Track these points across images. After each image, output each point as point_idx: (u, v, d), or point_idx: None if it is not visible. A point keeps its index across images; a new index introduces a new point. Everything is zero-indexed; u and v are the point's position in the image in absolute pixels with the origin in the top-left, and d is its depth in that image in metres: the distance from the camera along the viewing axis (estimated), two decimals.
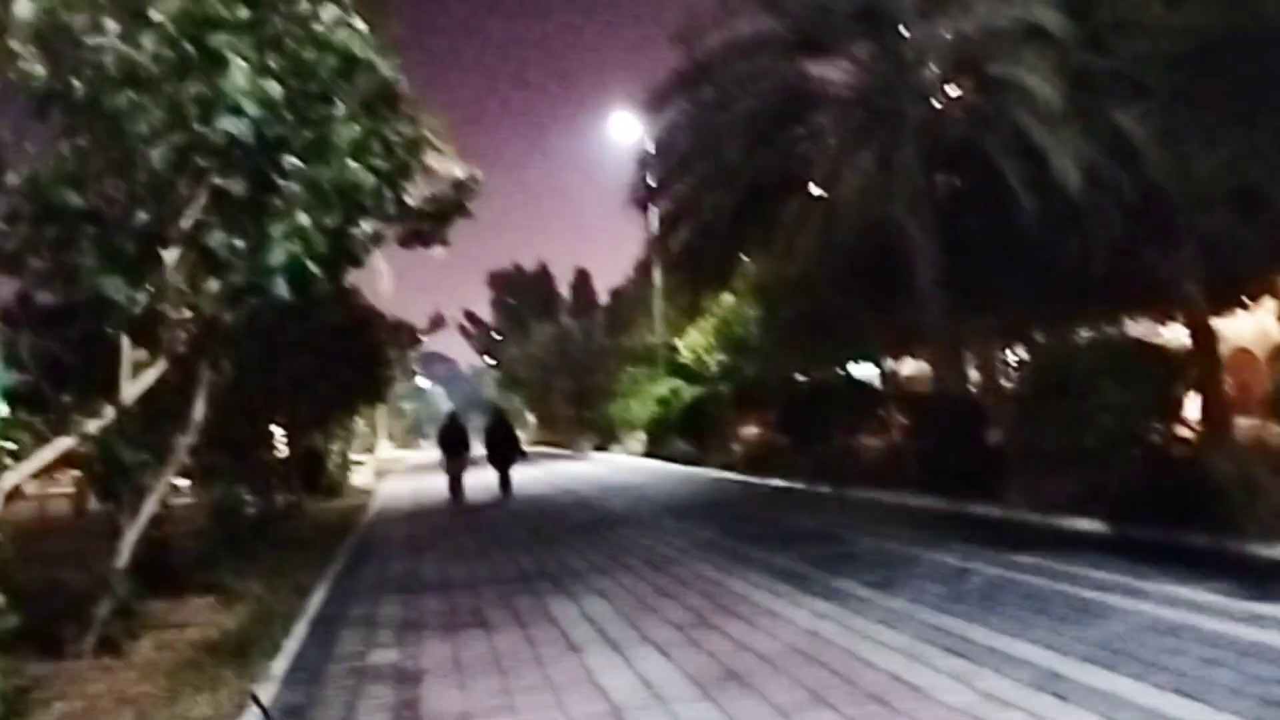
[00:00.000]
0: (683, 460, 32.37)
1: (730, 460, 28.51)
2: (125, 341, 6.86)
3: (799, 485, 21.51)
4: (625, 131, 42.49)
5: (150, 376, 7.16)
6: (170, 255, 6.21)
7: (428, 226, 9.40)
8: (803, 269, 22.61)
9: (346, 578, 13.95)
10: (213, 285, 6.39)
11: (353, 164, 6.51)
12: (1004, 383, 20.36)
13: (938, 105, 16.79)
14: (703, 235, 18.72)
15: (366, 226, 8.99)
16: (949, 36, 16.05)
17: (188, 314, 6.65)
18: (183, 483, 16.57)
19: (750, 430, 33.22)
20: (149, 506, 9.32)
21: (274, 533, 19.24)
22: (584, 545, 15.02)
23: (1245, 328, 22.95)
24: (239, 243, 6.07)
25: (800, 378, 27.50)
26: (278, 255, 5.92)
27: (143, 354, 7.20)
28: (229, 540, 16.03)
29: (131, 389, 7.08)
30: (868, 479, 19.37)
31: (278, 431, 26.29)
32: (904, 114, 15.93)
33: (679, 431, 34.42)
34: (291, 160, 6.23)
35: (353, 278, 31.47)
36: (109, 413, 7.19)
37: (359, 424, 66.81)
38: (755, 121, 16.86)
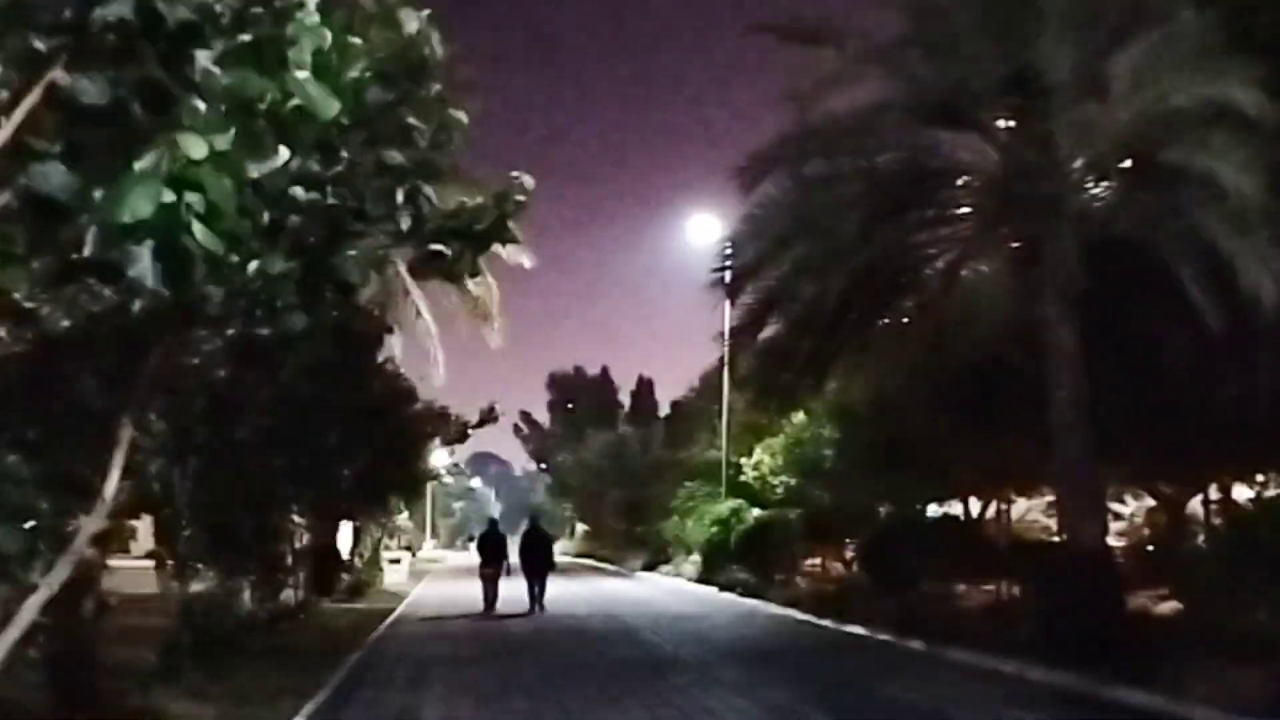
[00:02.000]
0: (741, 590, 29.13)
1: (797, 596, 25.26)
2: None
3: (883, 637, 18.28)
4: (703, 235, 40.22)
5: None
6: None
7: (455, 248, 6.68)
8: (903, 383, 19.85)
9: (327, 715, 11.05)
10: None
11: (309, 79, 3.86)
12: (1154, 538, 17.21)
13: (1094, 194, 14.05)
14: (796, 330, 15.96)
15: (374, 239, 6.40)
16: (1115, 114, 13.33)
17: None
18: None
19: (818, 563, 30.10)
20: (30, 610, 6.55)
21: (265, 640, 16.44)
22: (628, 698, 12.00)
23: None
24: (92, 188, 3.43)
25: (885, 510, 24.40)
26: (140, 204, 3.24)
27: None
28: (198, 648, 13.25)
29: None
30: (969, 638, 16.17)
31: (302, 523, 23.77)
32: (1058, 201, 13.17)
33: (738, 557, 31.21)
34: (204, 63, 3.62)
35: (405, 366, 29.00)
36: None
37: (401, 520, 64.55)
38: (873, 198, 14.16)
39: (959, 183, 14.73)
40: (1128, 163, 13.80)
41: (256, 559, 18.81)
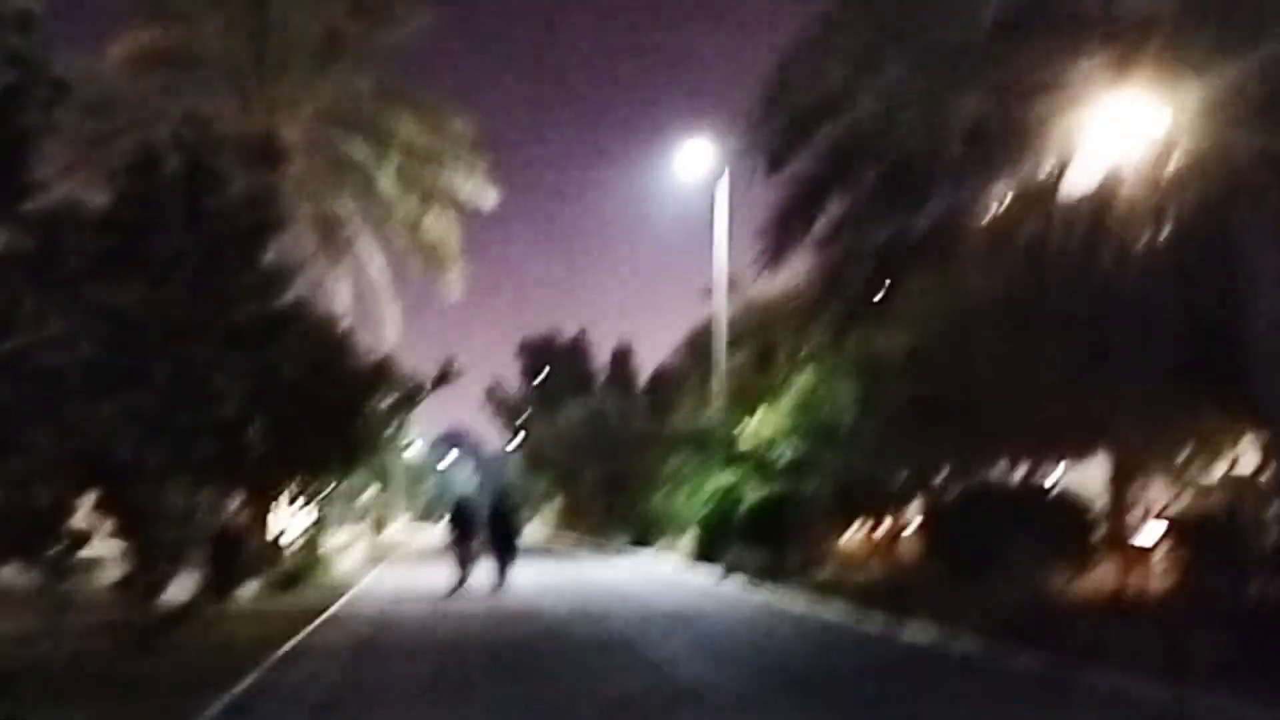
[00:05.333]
0: (751, 577, 24.30)
1: (828, 583, 20.45)
2: None
3: (973, 646, 13.48)
4: (695, 167, 35.23)
5: None
6: None
7: None
8: (974, 312, 15.21)
9: None
10: None
11: None
12: None
13: None
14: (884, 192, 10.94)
15: None
16: None
17: None
18: None
19: (851, 542, 25.33)
20: None
21: (110, 667, 11.54)
22: None
23: None
24: None
25: (944, 478, 19.60)
26: None
27: None
28: None
29: None
30: (1105, 649, 11.41)
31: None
32: None
33: (746, 537, 26.35)
34: None
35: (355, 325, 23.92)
36: None
37: (367, 497, 59.72)
38: None
39: None
40: None
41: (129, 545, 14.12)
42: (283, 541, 26.77)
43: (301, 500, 26.12)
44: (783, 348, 32.48)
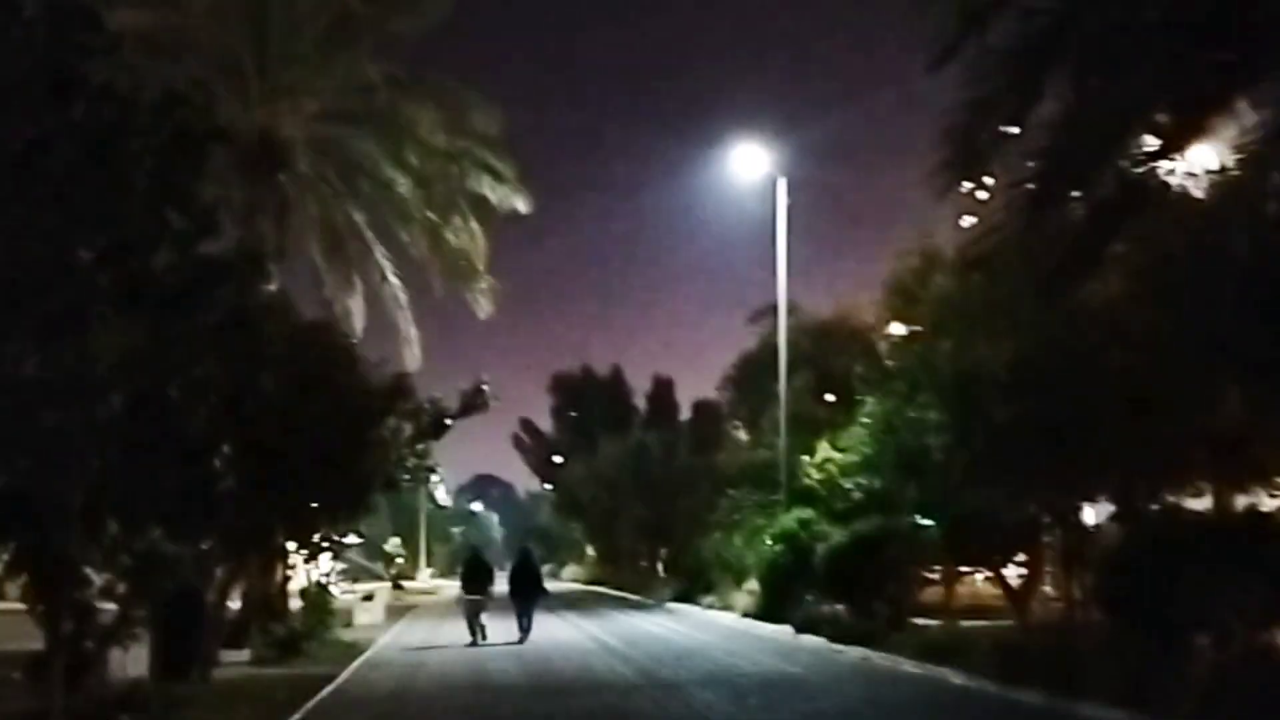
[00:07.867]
0: (832, 633, 20.43)
1: (939, 642, 16.58)
2: None
3: None
4: (746, 173, 31.38)
5: None
6: None
7: None
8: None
9: None
10: None
11: None
12: None
13: None
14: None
15: None
16: None
17: None
18: None
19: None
20: None
21: None
22: None
23: None
24: None
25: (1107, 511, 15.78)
26: None
27: None
28: None
29: None
30: None
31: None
32: None
33: (825, 586, 22.47)
34: None
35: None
36: None
37: (390, 547, 56.21)
38: None
39: None
40: None
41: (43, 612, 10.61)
42: (285, 599, 23.25)
43: (307, 551, 22.40)
44: (850, 369, 28.90)
